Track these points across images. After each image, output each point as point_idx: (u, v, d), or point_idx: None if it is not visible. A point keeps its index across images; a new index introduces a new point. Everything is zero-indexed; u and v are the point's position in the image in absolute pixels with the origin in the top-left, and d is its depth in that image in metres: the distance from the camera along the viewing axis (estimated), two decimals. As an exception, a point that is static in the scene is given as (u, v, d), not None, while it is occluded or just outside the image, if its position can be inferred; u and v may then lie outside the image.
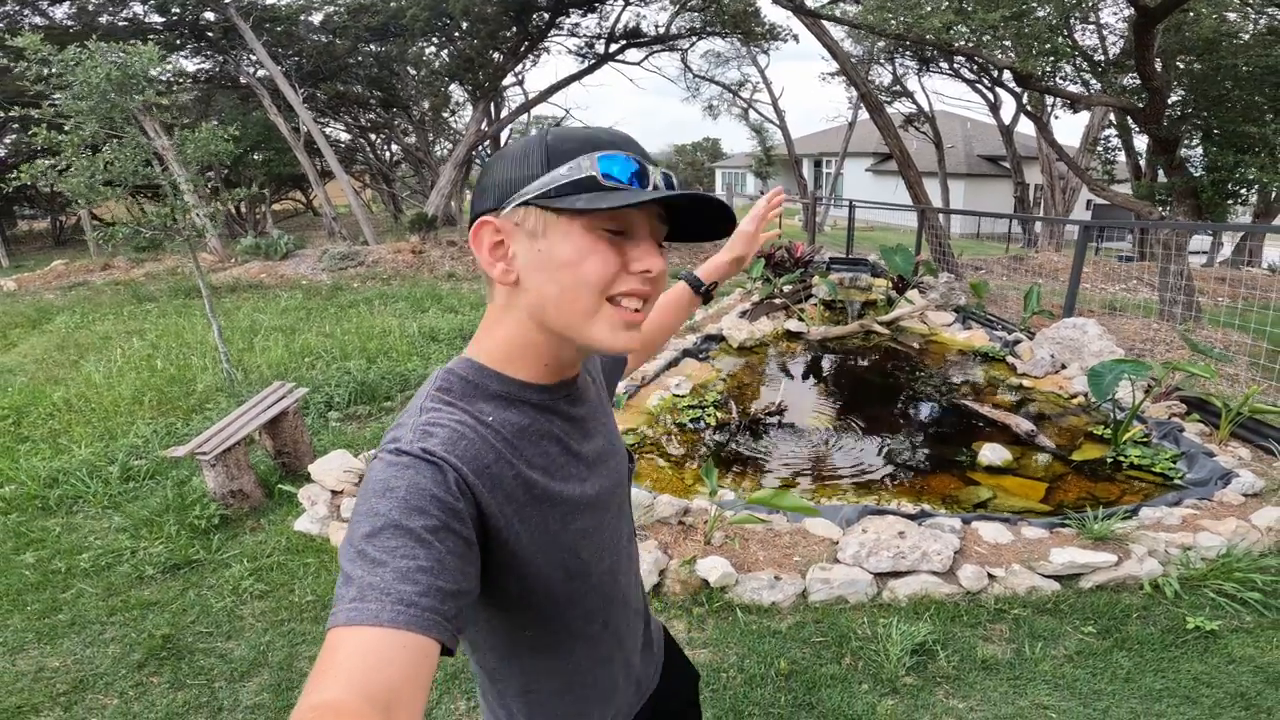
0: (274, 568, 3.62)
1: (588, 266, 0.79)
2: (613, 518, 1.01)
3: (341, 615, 0.64)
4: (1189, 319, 8.16)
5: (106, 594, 3.47)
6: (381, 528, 0.69)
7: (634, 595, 1.12)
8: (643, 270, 0.81)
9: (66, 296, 12.03)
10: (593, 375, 1.08)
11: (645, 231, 0.83)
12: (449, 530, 0.72)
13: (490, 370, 0.88)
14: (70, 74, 5.21)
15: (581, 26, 17.68)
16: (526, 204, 0.79)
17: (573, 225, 0.79)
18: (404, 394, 6.18)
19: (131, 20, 15.50)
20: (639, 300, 0.83)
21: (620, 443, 1.08)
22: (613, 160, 0.79)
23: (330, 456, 4.25)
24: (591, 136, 0.81)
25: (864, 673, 2.78)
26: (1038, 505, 4.08)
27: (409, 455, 0.75)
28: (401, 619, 0.64)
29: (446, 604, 0.67)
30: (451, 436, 0.79)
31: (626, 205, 0.76)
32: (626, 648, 1.10)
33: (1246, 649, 2.87)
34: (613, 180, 0.78)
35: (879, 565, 3.23)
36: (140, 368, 6.96)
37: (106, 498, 4.46)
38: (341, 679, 0.59)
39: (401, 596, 0.65)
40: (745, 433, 5.17)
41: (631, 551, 1.12)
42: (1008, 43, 9.94)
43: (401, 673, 0.61)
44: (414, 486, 0.72)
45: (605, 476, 0.99)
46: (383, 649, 0.62)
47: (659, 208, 0.83)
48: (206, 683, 2.85)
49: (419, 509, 0.71)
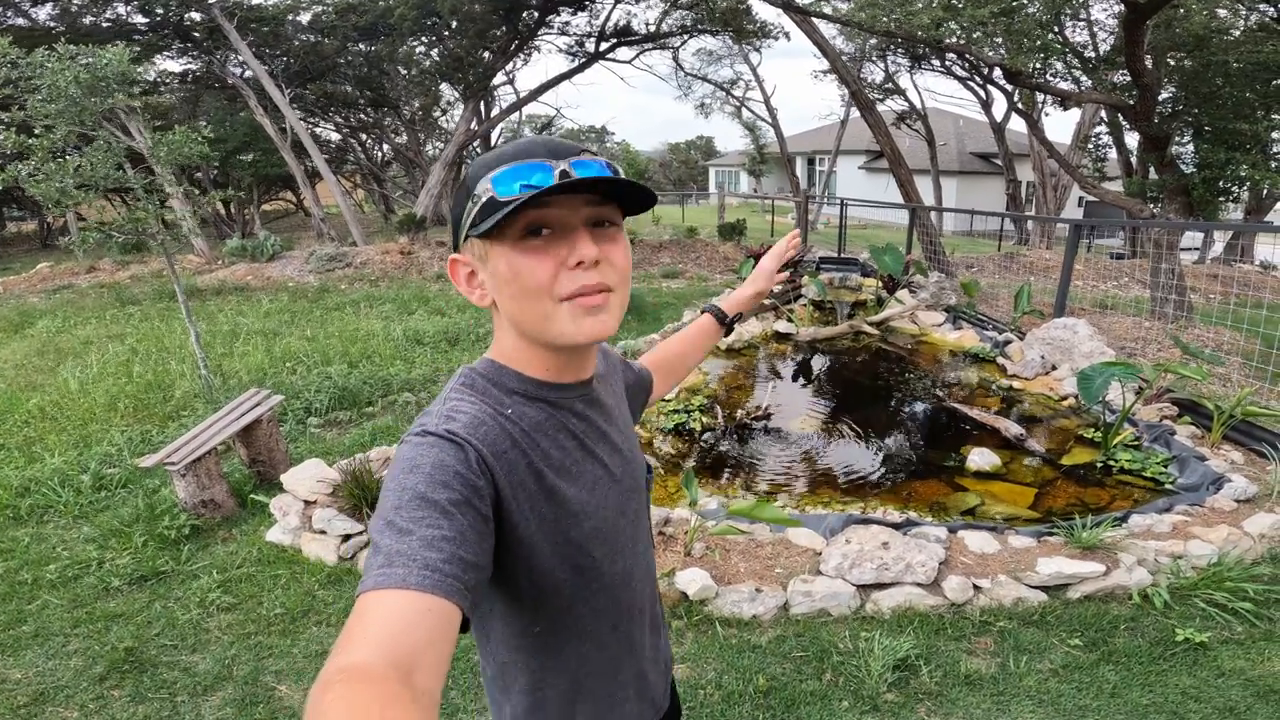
0: (243, 579, 3.53)
1: (524, 277, 0.83)
2: (628, 523, 1.03)
3: (370, 580, 0.67)
4: (1181, 317, 8.10)
5: (72, 605, 3.39)
6: (408, 500, 0.74)
7: (649, 606, 1.12)
8: (577, 262, 0.83)
9: (50, 300, 11.90)
10: (612, 385, 1.12)
11: (575, 221, 0.84)
12: (470, 505, 0.76)
13: (508, 368, 0.93)
14: (38, 77, 5.10)
15: (572, 25, 17.59)
16: (467, 237, 0.86)
17: (500, 245, 0.84)
18: (386, 399, 6.08)
19: (115, 21, 15.33)
20: (589, 291, 0.84)
21: (639, 455, 1.11)
22: (504, 176, 0.81)
23: (304, 465, 4.16)
24: (494, 158, 0.84)
25: (844, 689, 2.70)
26: (1026, 512, 4.01)
27: (434, 435, 0.81)
28: (427, 583, 0.67)
29: (467, 574, 0.71)
30: (473, 421, 0.84)
31: (497, 221, 0.79)
32: (638, 657, 1.09)
33: (1237, 661, 2.80)
34: (508, 195, 0.80)
35: (862, 577, 3.15)
36: (117, 374, 6.85)
37: (77, 507, 4.37)
38: (370, 642, 0.61)
39: (427, 562, 0.68)
40: (731, 438, 5.09)
41: (648, 561, 1.12)
42: (998, 39, 9.87)
43: (426, 636, 0.64)
44: (439, 463, 0.78)
45: (621, 481, 1.01)
46: (408, 613, 0.64)
47: (587, 194, 0.84)
48: (169, 696, 2.78)
49: (443, 483, 0.76)
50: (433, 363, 7.08)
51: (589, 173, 0.82)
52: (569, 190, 0.82)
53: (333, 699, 0.55)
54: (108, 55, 5.24)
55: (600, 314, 0.85)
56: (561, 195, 0.82)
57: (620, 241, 0.89)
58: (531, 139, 0.85)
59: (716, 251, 14.43)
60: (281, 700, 2.74)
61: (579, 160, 0.83)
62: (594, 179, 0.81)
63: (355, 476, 3.85)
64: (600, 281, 0.85)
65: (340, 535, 3.63)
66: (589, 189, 0.83)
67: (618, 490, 1.00)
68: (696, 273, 12.87)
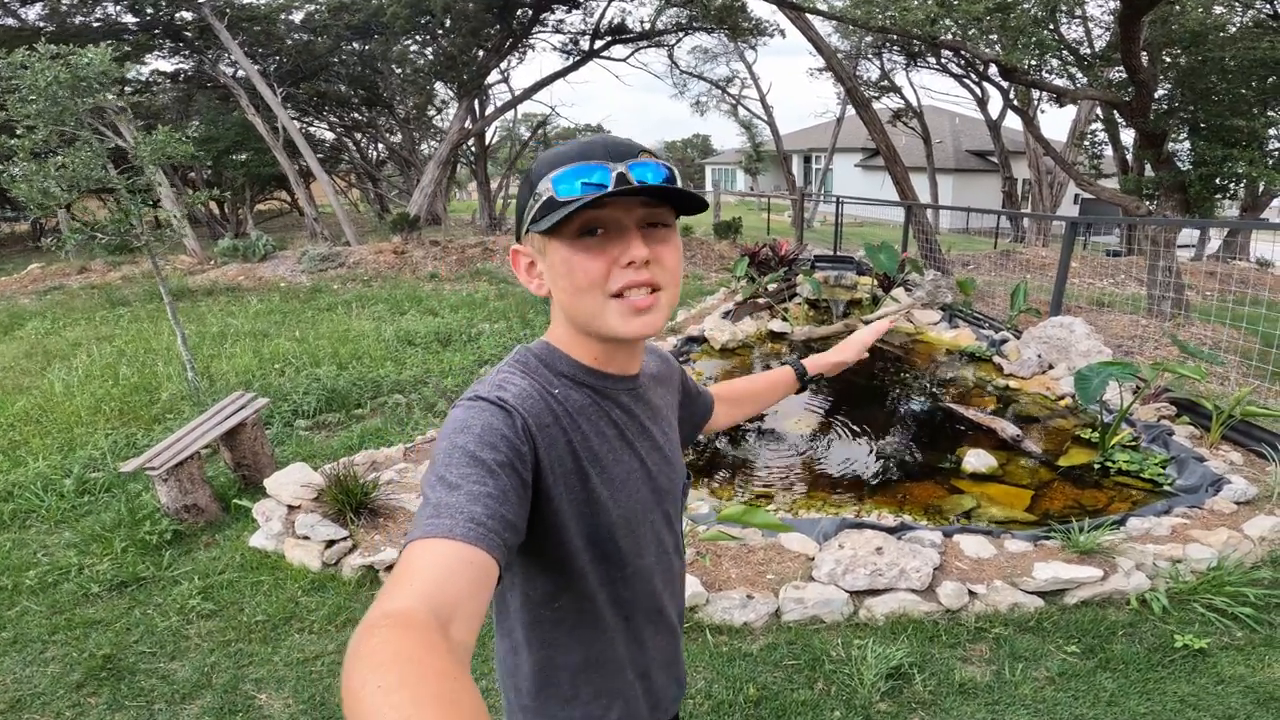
0: (225, 586, 3.46)
1: (576, 274, 0.88)
2: (658, 522, 1.06)
3: (419, 530, 0.72)
4: (1178, 315, 8.05)
5: (51, 612, 3.33)
6: (458, 458, 0.79)
7: (669, 609, 1.13)
8: (628, 262, 0.86)
9: (41, 301, 11.80)
10: (665, 389, 1.16)
11: (629, 222, 0.87)
12: (513, 468, 0.81)
13: (560, 352, 0.97)
14: (17, 77, 5.02)
15: (566, 23, 17.51)
16: (528, 231, 0.91)
17: (557, 241, 0.88)
18: (375, 401, 6.00)
19: (104, 20, 15.21)
20: (644, 289, 0.88)
21: (680, 460, 1.15)
22: (565, 176, 0.85)
23: (289, 470, 4.09)
24: (556, 156, 0.88)
25: (836, 699, 2.64)
26: (1022, 515, 3.95)
27: (485, 400, 0.86)
28: (471, 535, 0.71)
29: (507, 532, 0.75)
30: (521, 393, 0.89)
31: (556, 221, 0.84)
32: (649, 656, 1.10)
33: (1237, 668, 2.74)
34: (567, 195, 0.84)
35: (855, 583, 3.09)
36: (104, 376, 6.76)
37: (60, 512, 4.30)
38: (415, 589, 0.65)
39: (472, 515, 0.73)
40: (723, 439, 5.03)
41: (675, 565, 1.14)
42: (994, 36, 9.82)
43: (467, 587, 0.67)
44: (488, 425, 0.83)
45: (657, 480, 1.04)
46: (452, 563, 0.68)
47: (641, 197, 0.87)
48: (145, 704, 2.73)
49: (491, 444, 0.81)
50: (424, 364, 7.01)
51: (645, 176, 0.86)
52: (624, 195, 0.85)
53: (377, 643, 0.57)
54: (89, 55, 5.16)
55: (648, 315, 0.90)
56: (617, 198, 0.85)
57: (672, 242, 0.92)
58: (593, 139, 0.89)
59: (712, 250, 14.37)
60: (261, 709, 2.68)
61: (636, 163, 0.87)
62: (644, 187, 0.84)
63: (339, 481, 3.78)
64: (650, 279, 0.88)
65: (324, 541, 3.55)
66: (642, 193, 0.86)
67: (651, 488, 1.03)
68: (692, 271, 12.80)
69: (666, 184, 0.87)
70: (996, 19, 8.66)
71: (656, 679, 1.13)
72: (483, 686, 2.62)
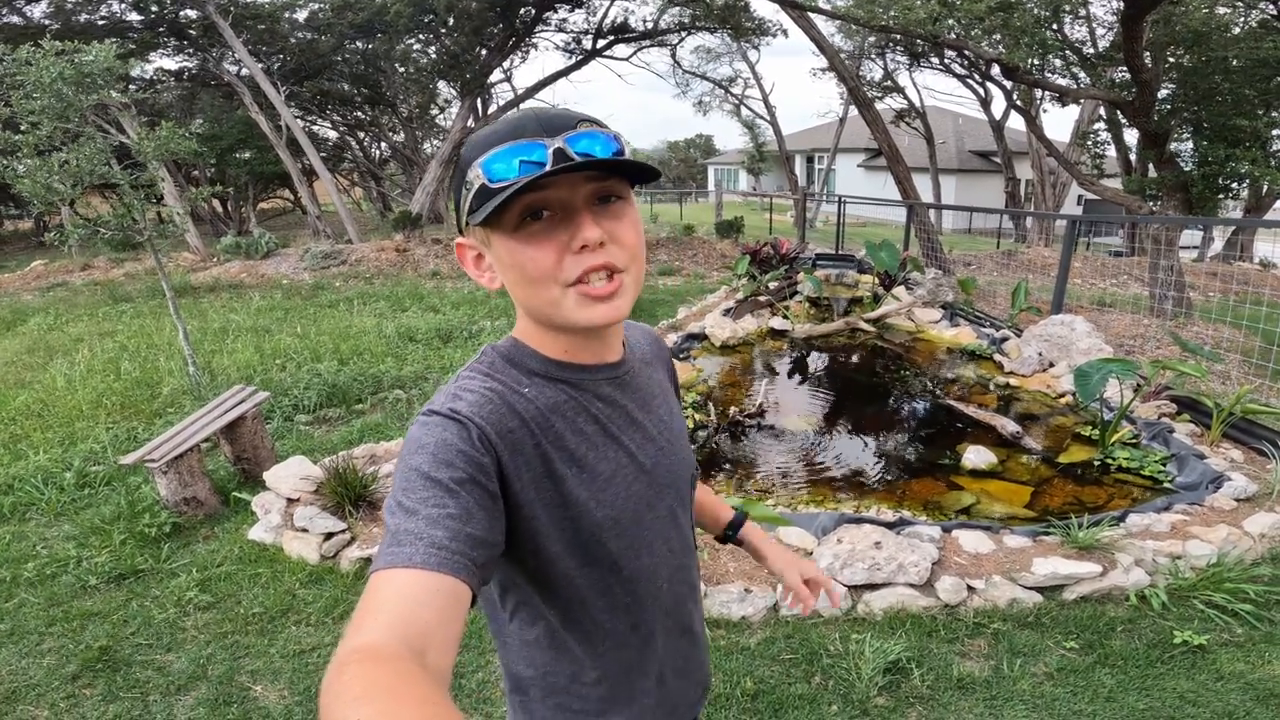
0: (223, 578, 3.46)
1: (525, 266, 0.81)
2: (658, 519, 0.98)
3: (381, 560, 0.69)
4: (1180, 314, 8.04)
5: (48, 604, 3.34)
6: (415, 481, 0.75)
7: (683, 611, 1.07)
8: (580, 246, 0.79)
9: (44, 298, 11.83)
10: (655, 373, 1.08)
11: (576, 201, 0.80)
12: (474, 483, 0.77)
13: (528, 348, 0.91)
14: (22, 73, 5.03)
15: (569, 22, 17.52)
16: (467, 224, 0.84)
17: (499, 232, 0.81)
18: (376, 396, 6.01)
19: (109, 18, 15.24)
20: (602, 274, 0.82)
21: (685, 450, 1.06)
22: (496, 158, 0.78)
23: (288, 463, 4.09)
24: (484, 138, 0.81)
25: (834, 693, 2.63)
26: (1022, 511, 3.94)
27: (439, 415, 0.81)
28: (433, 560, 0.68)
29: (475, 550, 0.72)
30: (478, 400, 0.83)
31: (493, 209, 0.77)
32: (661, 661, 1.03)
33: (1236, 664, 2.73)
34: (500, 179, 0.77)
35: (854, 577, 3.08)
36: (105, 371, 6.78)
37: (59, 505, 4.30)
38: (381, 622, 0.63)
39: (433, 540, 0.70)
40: (724, 435, 5.02)
41: (685, 563, 1.07)
42: (996, 35, 9.80)
43: (436, 616, 0.65)
44: (442, 442, 0.78)
45: (652, 473, 0.97)
46: (418, 593, 0.66)
47: (586, 172, 0.79)
48: (140, 696, 2.73)
49: (446, 462, 0.76)
50: (424, 360, 7.01)
51: (589, 148, 0.78)
52: (564, 172, 0.77)
53: (350, 678, 0.56)
54: (93, 51, 5.17)
55: (609, 303, 0.83)
56: (558, 176, 0.77)
57: (628, 216, 0.84)
58: (523, 113, 0.81)
59: (714, 249, 14.37)
60: (256, 700, 2.68)
61: (575, 135, 0.79)
62: (586, 161, 0.77)
63: (339, 474, 3.78)
64: (607, 261, 0.81)
65: (322, 534, 3.56)
66: (585, 168, 0.78)
67: (646, 482, 0.95)
68: (694, 270, 12.81)
69: (615, 157, 0.80)
70: (999, 18, 8.64)
71: (672, 684, 1.07)
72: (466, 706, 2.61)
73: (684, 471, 1.04)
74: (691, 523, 1.11)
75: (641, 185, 0.90)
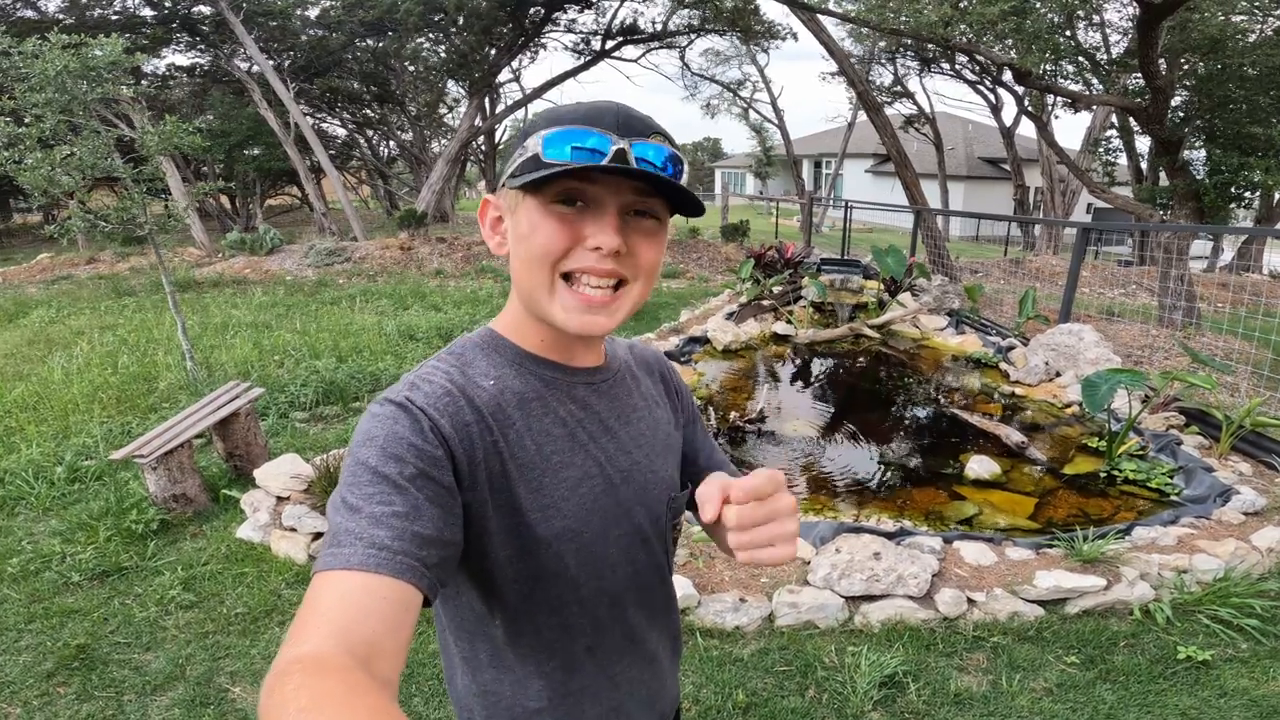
0: (207, 577, 3.40)
1: (536, 238, 0.79)
2: (626, 538, 0.92)
3: (321, 561, 0.66)
4: (1189, 325, 7.93)
5: (29, 600, 3.29)
6: (362, 475, 0.71)
7: (649, 638, 1.01)
8: (594, 246, 0.78)
9: (48, 290, 11.82)
10: (646, 386, 1.03)
11: (611, 207, 0.78)
12: (427, 478, 0.72)
13: (503, 339, 0.89)
14: (28, 66, 5.00)
15: (578, 22, 17.45)
16: (504, 184, 0.82)
17: (531, 201, 0.79)
18: (373, 394, 5.95)
19: (122, 14, 15.28)
20: (599, 279, 0.79)
21: (666, 470, 1.00)
22: (559, 137, 0.76)
23: (279, 460, 4.03)
24: (558, 114, 0.79)
25: (828, 706, 2.56)
26: (1025, 523, 3.86)
27: (392, 404, 0.77)
28: (372, 562, 0.64)
29: (425, 550, 0.68)
30: (436, 391, 0.79)
31: (533, 180, 0.76)
32: (620, 691, 0.97)
33: (1241, 680, 2.65)
34: (553, 158, 0.76)
35: (851, 588, 3.01)
36: (103, 365, 6.74)
37: (49, 500, 4.25)
38: (323, 629, 0.59)
39: (374, 540, 0.66)
40: (723, 440, 4.95)
41: (652, 586, 0.99)
42: (1009, 40, 9.71)
43: (382, 623, 0.62)
44: (392, 435, 0.74)
45: (621, 489, 0.91)
46: (361, 598, 0.62)
47: (635, 182, 0.78)
48: (115, 695, 2.68)
49: (396, 456, 0.72)
50: (424, 358, 6.95)
51: (647, 158, 0.77)
52: (614, 174, 0.77)
53: (294, 688, 0.52)
54: (99, 45, 5.14)
55: (597, 314, 0.81)
56: (606, 175, 0.77)
57: (655, 238, 0.83)
58: (608, 104, 0.80)
59: (719, 252, 14.30)
60: (234, 702, 2.62)
61: (644, 143, 0.78)
62: (639, 171, 0.76)
63: (330, 472, 3.72)
64: (613, 270, 0.80)
65: (311, 533, 3.50)
66: (636, 177, 0.77)
67: (614, 498, 0.90)
68: (698, 273, 12.74)
69: (672, 177, 0.78)
70: (1012, 23, 8.55)
71: (634, 715, 1.00)
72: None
73: (659, 491, 0.97)
74: (666, 547, 1.02)
75: (685, 217, 0.87)
